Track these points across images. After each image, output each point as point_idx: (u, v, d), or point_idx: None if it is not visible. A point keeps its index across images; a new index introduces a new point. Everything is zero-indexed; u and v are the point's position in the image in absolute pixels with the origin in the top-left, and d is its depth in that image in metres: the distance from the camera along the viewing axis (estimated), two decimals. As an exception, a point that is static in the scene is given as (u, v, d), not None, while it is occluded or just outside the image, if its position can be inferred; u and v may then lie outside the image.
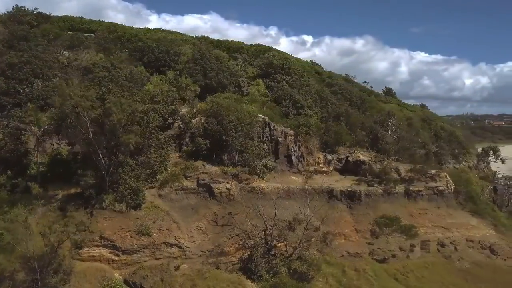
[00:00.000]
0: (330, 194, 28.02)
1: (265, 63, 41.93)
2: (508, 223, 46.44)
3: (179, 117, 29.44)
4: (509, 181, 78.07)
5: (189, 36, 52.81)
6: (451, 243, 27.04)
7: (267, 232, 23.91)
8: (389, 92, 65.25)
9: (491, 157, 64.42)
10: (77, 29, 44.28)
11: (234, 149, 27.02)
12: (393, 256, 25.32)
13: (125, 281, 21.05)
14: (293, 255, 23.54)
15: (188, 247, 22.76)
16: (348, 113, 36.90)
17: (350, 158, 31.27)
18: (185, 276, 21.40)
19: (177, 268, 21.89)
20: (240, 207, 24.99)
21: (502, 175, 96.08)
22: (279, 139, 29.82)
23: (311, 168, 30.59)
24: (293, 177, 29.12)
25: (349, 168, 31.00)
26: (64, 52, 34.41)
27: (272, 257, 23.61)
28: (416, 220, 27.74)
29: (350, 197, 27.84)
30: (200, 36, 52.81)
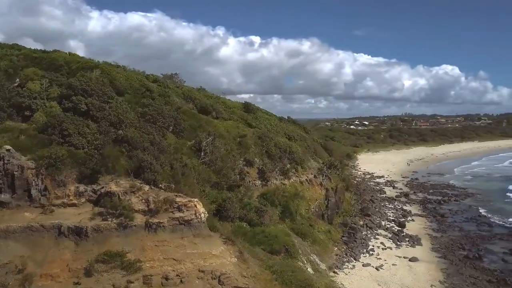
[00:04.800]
0: (59, 230, 27.20)
1: (65, 84, 40.62)
2: (325, 239, 48.33)
3: None
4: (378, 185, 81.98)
5: (15, 51, 50.25)
6: (177, 275, 27.08)
7: None
8: (247, 106, 66.25)
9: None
10: None
11: None
12: (101, 295, 24.87)
13: None
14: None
15: None
16: (132, 136, 36.17)
17: (103, 189, 30.61)
18: None
19: None
20: None
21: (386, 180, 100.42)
22: (15, 172, 28.58)
23: (58, 202, 29.59)
24: (27, 213, 27.99)
25: (101, 200, 30.32)
26: None
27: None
28: (147, 253, 27.53)
29: (78, 233, 27.15)
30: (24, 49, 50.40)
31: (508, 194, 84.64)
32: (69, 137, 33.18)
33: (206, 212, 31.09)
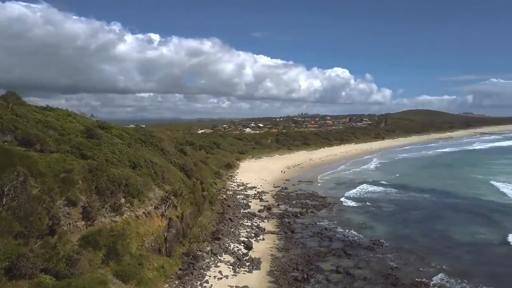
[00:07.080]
0: None
1: None
2: (155, 276, 46.73)
3: None
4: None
5: None
6: None
7: None
8: (90, 131, 61.57)
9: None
10: None
11: None
12: None
13: None
14: None
15: None
16: None
17: None
18: None
19: None
20: None
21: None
22: None
23: None
24: None
25: None
26: None
27: None
28: None
29: None
30: None
31: (344, 201, 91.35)
32: None
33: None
